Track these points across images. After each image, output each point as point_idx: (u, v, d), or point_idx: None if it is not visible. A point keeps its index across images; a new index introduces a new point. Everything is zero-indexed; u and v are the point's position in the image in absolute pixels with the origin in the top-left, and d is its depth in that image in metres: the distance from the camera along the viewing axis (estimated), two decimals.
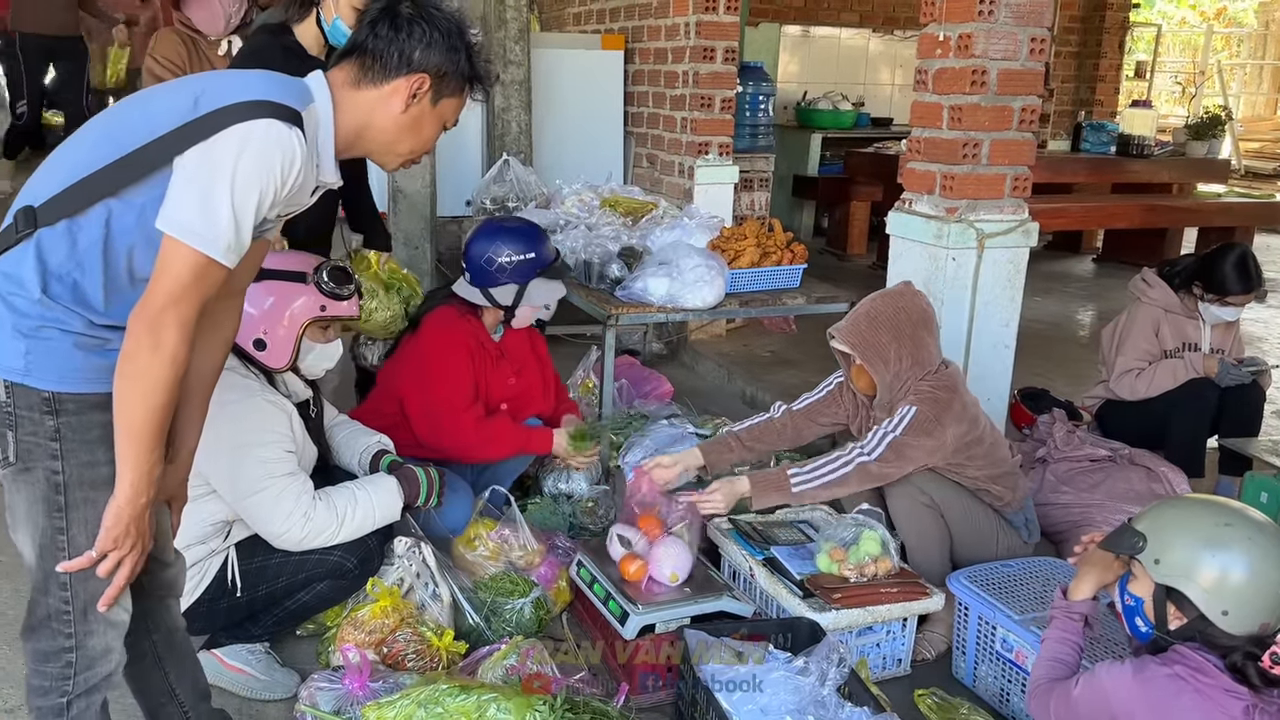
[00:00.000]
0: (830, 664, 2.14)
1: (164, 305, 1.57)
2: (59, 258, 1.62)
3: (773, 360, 5.18)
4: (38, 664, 1.74)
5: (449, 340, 3.11)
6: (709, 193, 5.14)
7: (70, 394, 1.65)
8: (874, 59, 9.32)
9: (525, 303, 3.21)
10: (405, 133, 1.83)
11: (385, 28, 1.77)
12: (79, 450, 1.67)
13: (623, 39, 5.82)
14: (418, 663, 2.45)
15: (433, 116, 1.84)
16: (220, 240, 1.58)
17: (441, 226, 5.39)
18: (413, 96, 1.79)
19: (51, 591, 1.70)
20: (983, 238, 3.34)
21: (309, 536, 2.41)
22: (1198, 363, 3.65)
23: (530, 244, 3.19)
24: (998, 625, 2.53)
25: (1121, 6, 9.69)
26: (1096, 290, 7.33)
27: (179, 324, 1.58)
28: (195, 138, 1.59)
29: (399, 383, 3.14)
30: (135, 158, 1.60)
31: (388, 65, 1.77)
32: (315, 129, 1.73)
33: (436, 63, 1.79)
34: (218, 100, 1.61)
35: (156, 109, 1.64)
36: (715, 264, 3.63)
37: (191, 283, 1.58)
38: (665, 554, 2.61)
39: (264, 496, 2.37)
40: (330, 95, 1.76)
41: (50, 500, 1.67)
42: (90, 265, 1.63)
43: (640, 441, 3.30)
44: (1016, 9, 3.23)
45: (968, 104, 3.28)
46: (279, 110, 1.62)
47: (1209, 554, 1.79)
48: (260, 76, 1.73)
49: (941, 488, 2.77)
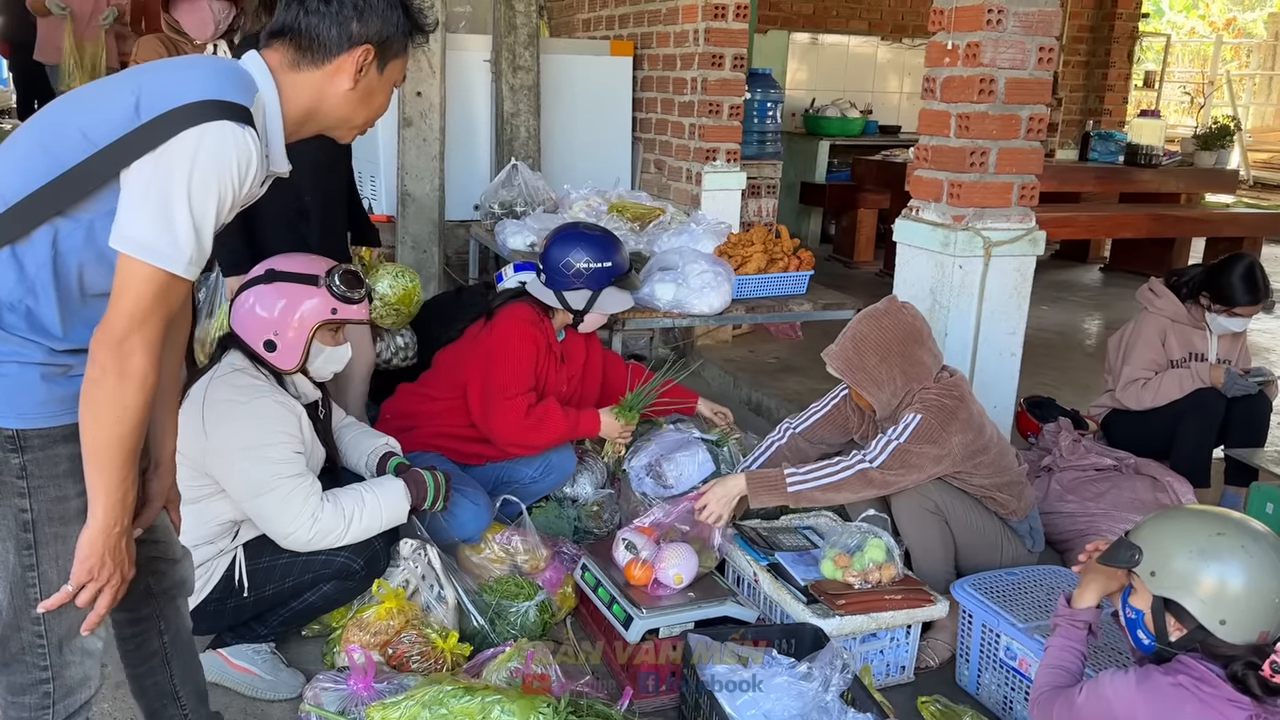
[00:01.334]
0: (834, 670, 2.15)
1: (127, 328, 1.48)
2: (8, 286, 1.53)
3: (779, 366, 5.18)
4: (14, 696, 1.68)
5: (522, 333, 3.15)
6: (716, 199, 5.15)
7: (34, 430, 1.57)
8: (882, 67, 9.33)
9: (596, 309, 3.23)
10: (358, 107, 1.75)
11: (315, 2, 1.66)
12: (47, 486, 1.59)
13: (632, 45, 5.83)
14: (422, 664, 2.45)
15: (382, 83, 1.75)
16: (182, 255, 1.49)
17: (450, 230, 5.41)
18: (359, 71, 1.69)
19: (24, 626, 1.64)
20: (989, 246, 3.34)
21: (316, 537, 2.42)
22: (1204, 373, 3.64)
23: (608, 253, 3.21)
24: (1001, 633, 2.53)
25: (1130, 16, 9.68)
26: (1103, 299, 7.32)
27: (145, 347, 1.50)
28: (142, 147, 1.48)
29: (464, 367, 3.16)
30: (78, 174, 1.50)
31: (327, 45, 1.67)
32: (263, 119, 1.63)
33: (376, 30, 1.69)
34: (161, 104, 1.50)
35: (94, 116, 1.53)
36: (722, 270, 3.64)
37: (154, 302, 1.49)
38: (671, 558, 2.62)
39: (272, 497, 2.38)
40: (273, 79, 1.66)
41: (19, 538, 1.60)
42: (42, 290, 1.54)
43: (645, 446, 3.30)
44: (1024, 18, 3.24)
45: (975, 112, 3.29)
46: (229, 110, 1.52)
47: (1203, 564, 1.79)
48: (201, 69, 1.60)
49: (946, 494, 2.77)
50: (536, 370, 3.16)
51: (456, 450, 3.14)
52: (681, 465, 3.22)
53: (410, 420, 3.15)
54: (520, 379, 3.10)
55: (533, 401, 3.12)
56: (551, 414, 3.12)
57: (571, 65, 5.75)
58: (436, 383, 3.25)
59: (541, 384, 3.20)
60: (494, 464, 3.18)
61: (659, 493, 3.19)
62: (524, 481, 3.21)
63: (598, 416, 3.21)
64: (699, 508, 2.75)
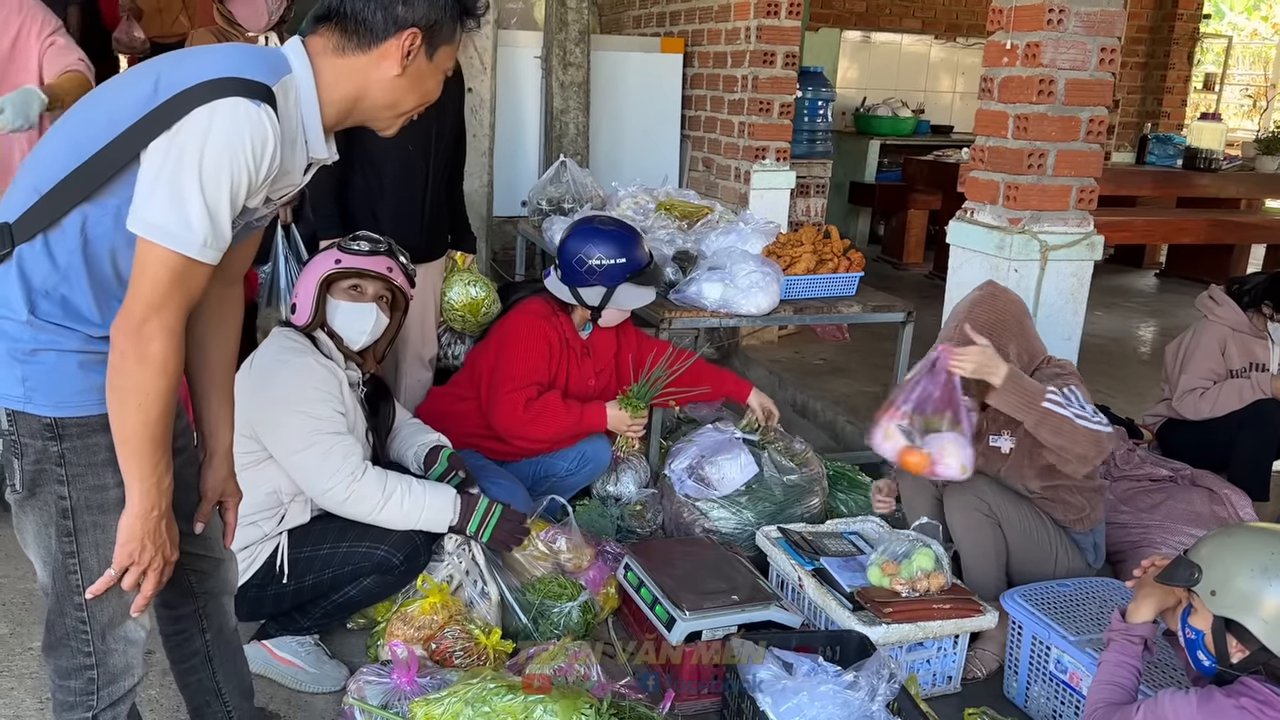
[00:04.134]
0: (880, 679, 2.11)
1: (145, 313, 1.47)
2: (42, 274, 1.54)
3: (825, 368, 5.14)
4: (61, 679, 1.71)
5: (530, 326, 3.15)
6: (765, 198, 5.11)
7: (72, 418, 1.58)
8: (935, 66, 9.22)
9: (612, 305, 3.21)
10: (406, 93, 1.69)
11: None
12: (85, 474, 1.61)
13: (682, 42, 5.81)
14: (465, 660, 2.46)
15: (432, 69, 1.70)
16: (195, 237, 1.46)
17: (497, 226, 5.42)
18: (407, 55, 1.64)
19: (67, 612, 1.66)
20: (1046, 250, 3.28)
21: (352, 499, 2.44)
22: (1265, 383, 3.55)
23: (623, 248, 3.17)
24: (1052, 645, 2.48)
25: (1191, 18, 9.48)
26: (1159, 306, 7.17)
27: (164, 331, 1.48)
28: (158, 127, 1.46)
29: (480, 364, 3.20)
30: (100, 159, 1.50)
31: (373, 29, 1.61)
32: (293, 102, 1.60)
33: (423, 14, 1.63)
34: (179, 82, 1.48)
35: (117, 102, 1.53)
36: (770, 270, 3.60)
37: (171, 286, 1.47)
38: (951, 449, 2.55)
39: (313, 452, 2.42)
40: (310, 64, 1.62)
41: (59, 525, 1.62)
42: (75, 277, 1.55)
43: (686, 448, 3.29)
44: (1086, 18, 3.17)
45: (1034, 113, 3.22)
46: (245, 86, 1.48)
47: (1267, 583, 1.74)
48: (227, 50, 1.59)
49: (1001, 497, 2.72)
50: (551, 365, 3.15)
51: (489, 449, 3.14)
52: (723, 468, 3.19)
53: (440, 422, 3.14)
54: (524, 372, 3.09)
55: (533, 395, 3.09)
56: (551, 406, 3.08)
57: (622, 62, 5.74)
58: (464, 382, 3.27)
59: (560, 379, 3.19)
60: (529, 459, 3.18)
61: (703, 494, 3.17)
62: (560, 474, 3.21)
63: (604, 409, 3.15)
64: (957, 352, 2.56)
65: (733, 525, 3.15)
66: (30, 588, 2.80)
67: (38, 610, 2.60)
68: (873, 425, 2.70)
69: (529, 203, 5.03)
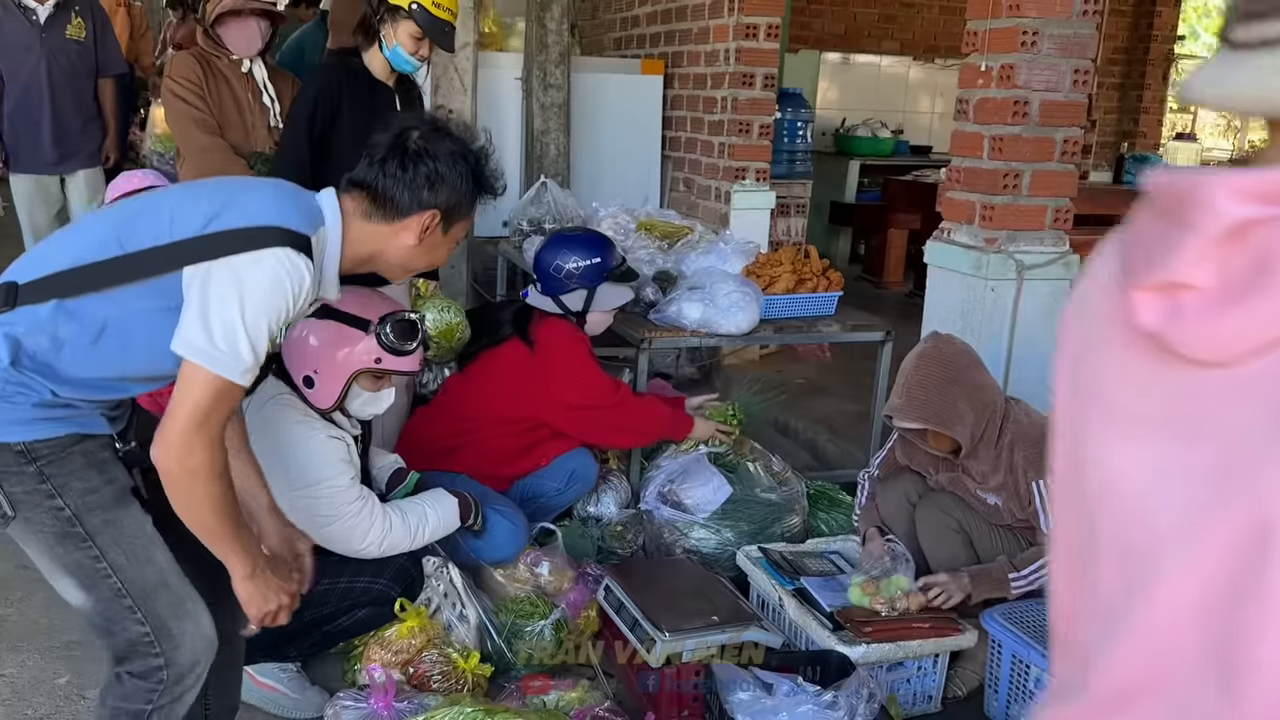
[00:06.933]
0: (860, 699, 2.11)
1: (187, 431, 1.61)
2: (36, 339, 1.64)
3: (806, 387, 5.15)
4: (132, 680, 1.77)
5: (578, 339, 3.18)
6: (745, 218, 5.13)
7: (41, 440, 1.66)
8: (914, 87, 9.30)
9: (595, 308, 3.25)
10: (419, 258, 1.91)
11: (394, 166, 1.82)
12: (72, 481, 1.68)
13: (662, 64, 5.84)
14: (443, 684, 2.44)
15: (446, 240, 1.92)
16: (238, 365, 1.62)
17: (478, 246, 5.42)
18: (425, 230, 1.86)
19: (121, 621, 1.73)
20: (1022, 269, 3.31)
21: (386, 550, 2.51)
22: None
23: (595, 249, 3.24)
24: (1032, 664, 2.48)
25: (1166, 39, 9.61)
26: None
27: (206, 444, 1.62)
28: (208, 254, 1.62)
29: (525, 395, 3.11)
30: (144, 258, 1.64)
31: (399, 207, 1.83)
32: (322, 252, 1.77)
33: (446, 198, 1.86)
34: (237, 218, 1.65)
35: (178, 211, 1.67)
36: (750, 290, 3.62)
37: (212, 405, 1.62)
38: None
39: (340, 524, 2.43)
40: (340, 220, 1.81)
41: (69, 535, 1.68)
42: (72, 353, 1.65)
43: (655, 475, 3.29)
44: (1060, 41, 3.21)
45: (1009, 134, 3.26)
46: (292, 239, 1.66)
47: None
48: (277, 195, 1.75)
49: (971, 513, 2.73)
50: None
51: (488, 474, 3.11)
52: (696, 493, 3.20)
53: (449, 441, 3.14)
54: (606, 380, 3.17)
55: (629, 390, 3.22)
56: (650, 402, 3.27)
57: (602, 84, 5.76)
58: (470, 405, 3.20)
59: None
60: (518, 479, 3.18)
61: (684, 519, 3.17)
62: (549, 494, 3.21)
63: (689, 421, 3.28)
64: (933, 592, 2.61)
65: (713, 545, 3.15)
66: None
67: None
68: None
69: (510, 223, 5.03)
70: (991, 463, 2.67)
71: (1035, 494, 2.61)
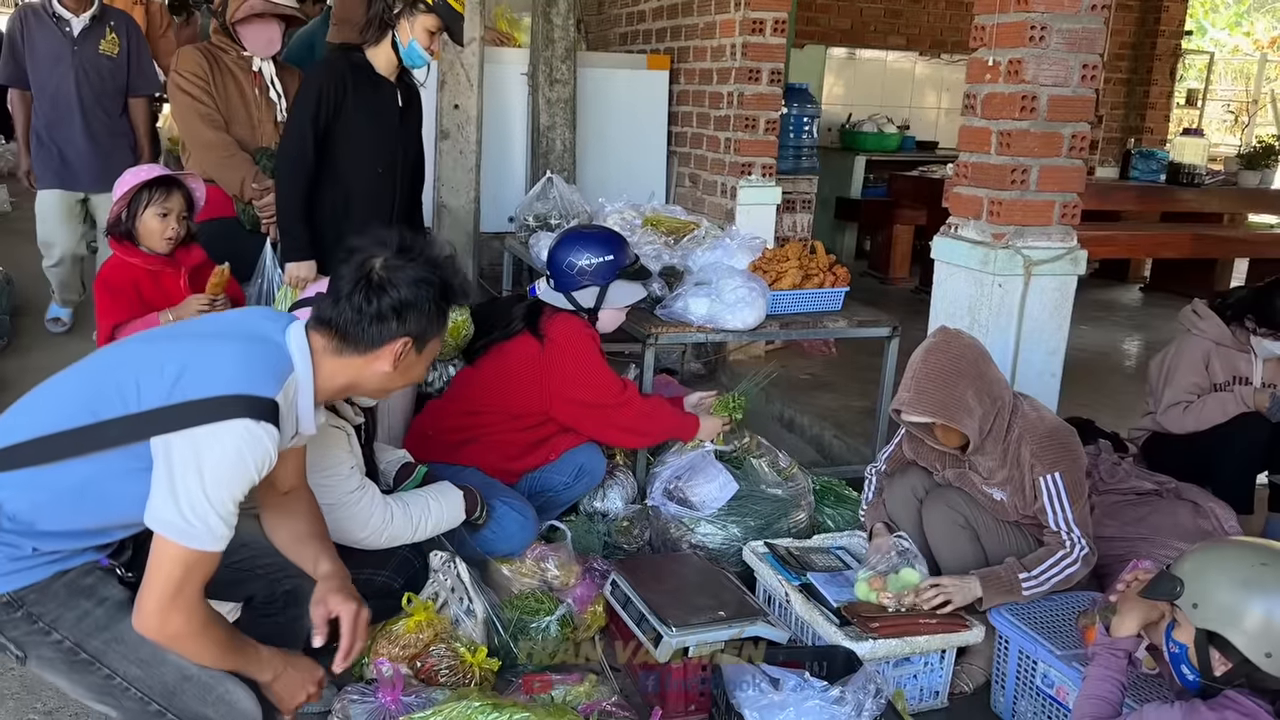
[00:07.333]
0: (866, 694, 2.11)
1: (162, 603, 1.64)
2: (16, 502, 1.68)
3: (811, 383, 5.14)
4: None
5: (587, 335, 3.19)
6: (751, 214, 5.12)
7: (24, 587, 1.71)
8: (920, 82, 9.28)
9: (607, 305, 3.25)
10: (396, 381, 1.93)
11: (359, 300, 1.81)
12: (62, 614, 1.73)
13: (668, 59, 5.83)
14: (451, 678, 2.44)
15: (420, 360, 1.93)
16: (210, 537, 1.64)
17: (484, 242, 5.43)
18: (398, 357, 1.86)
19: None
20: (1030, 265, 3.30)
21: (387, 541, 2.54)
22: (1248, 397, 3.56)
23: (608, 247, 3.24)
24: (1039, 660, 2.48)
25: (1173, 34, 9.57)
26: (1143, 320, 7.21)
27: (184, 610, 1.66)
28: (171, 425, 1.63)
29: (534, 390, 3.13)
30: (110, 428, 1.66)
31: (369, 339, 1.83)
32: (294, 396, 1.79)
33: (414, 326, 1.85)
34: (197, 386, 1.65)
35: (139, 378, 1.68)
36: (756, 285, 3.61)
37: (185, 575, 1.65)
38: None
39: (342, 512, 2.44)
40: (311, 358, 1.82)
41: (77, 663, 1.74)
42: (51, 509, 1.70)
43: (660, 471, 3.29)
44: (1068, 35, 3.20)
45: (1017, 130, 3.25)
46: (255, 407, 1.66)
47: (1247, 596, 1.74)
48: (241, 355, 1.74)
49: (977, 508, 2.73)
50: None
51: (497, 468, 3.12)
52: (702, 491, 3.19)
53: (459, 435, 3.14)
54: (614, 379, 3.18)
55: (637, 391, 3.23)
56: (659, 403, 3.29)
57: (608, 79, 5.76)
58: (479, 399, 3.20)
59: None
60: (527, 474, 3.18)
61: (691, 515, 3.17)
62: (556, 489, 3.22)
63: (695, 421, 3.29)
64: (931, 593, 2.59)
65: (720, 541, 3.15)
66: None
67: None
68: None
69: (516, 219, 5.03)
70: (999, 458, 2.67)
71: (1043, 490, 2.61)
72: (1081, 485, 2.63)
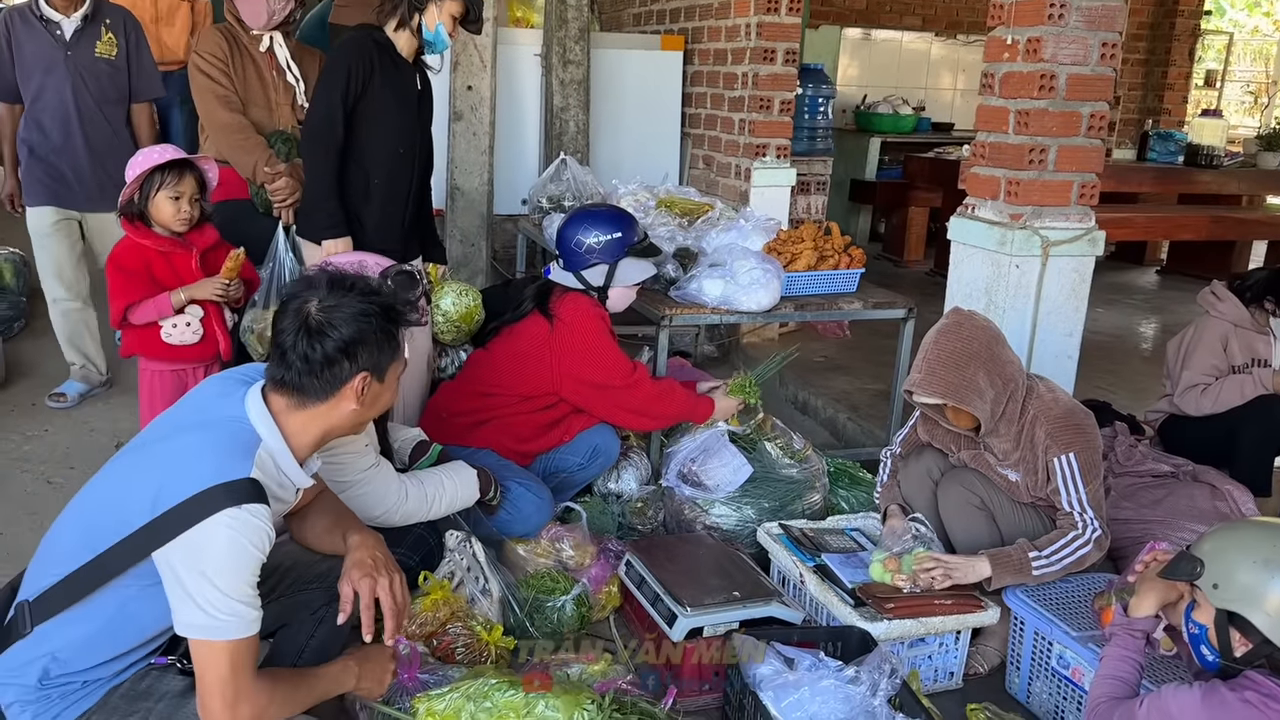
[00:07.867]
0: (881, 674, 2.11)
1: (226, 702, 1.67)
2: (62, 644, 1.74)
3: (826, 365, 5.13)
4: None
5: (596, 315, 3.17)
6: (765, 195, 5.10)
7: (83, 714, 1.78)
8: (936, 63, 9.21)
9: (617, 283, 3.24)
10: (368, 412, 1.91)
11: (304, 348, 1.78)
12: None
13: (682, 40, 5.80)
14: (467, 656, 2.45)
15: (386, 388, 1.91)
16: (235, 625, 1.67)
17: (498, 224, 5.42)
18: (361, 393, 1.84)
19: None
20: (1047, 245, 3.27)
21: (402, 519, 2.55)
22: (1266, 379, 3.54)
23: (616, 224, 3.23)
24: (1055, 641, 2.48)
25: (1192, 14, 9.47)
26: (1160, 302, 7.17)
27: (248, 696, 1.69)
28: (162, 538, 1.65)
29: (544, 371, 3.12)
30: (111, 556, 1.69)
31: (325, 388, 1.81)
32: (273, 464, 1.79)
33: (366, 360, 1.82)
34: (173, 494, 1.65)
35: (123, 505, 1.70)
36: (771, 267, 3.60)
37: (233, 667, 1.68)
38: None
39: (356, 490, 2.44)
40: (275, 423, 1.81)
41: None
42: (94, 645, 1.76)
43: (675, 453, 3.29)
44: (1087, 13, 3.16)
45: (1035, 109, 3.22)
46: (234, 493, 1.66)
47: (1269, 576, 1.74)
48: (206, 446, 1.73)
49: (993, 489, 2.72)
50: None
51: (512, 450, 3.13)
52: (716, 474, 3.19)
53: (473, 417, 3.15)
54: (625, 360, 3.17)
55: (647, 373, 3.22)
56: (671, 384, 3.27)
57: (622, 60, 5.73)
58: (492, 381, 3.20)
59: None
60: (541, 455, 3.19)
61: (705, 496, 3.16)
62: (570, 469, 3.22)
63: (710, 403, 3.29)
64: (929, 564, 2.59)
65: (734, 522, 3.15)
66: None
67: None
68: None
69: (529, 200, 5.02)
70: (1013, 440, 2.66)
71: (1057, 471, 2.59)
72: (1096, 467, 2.62)
